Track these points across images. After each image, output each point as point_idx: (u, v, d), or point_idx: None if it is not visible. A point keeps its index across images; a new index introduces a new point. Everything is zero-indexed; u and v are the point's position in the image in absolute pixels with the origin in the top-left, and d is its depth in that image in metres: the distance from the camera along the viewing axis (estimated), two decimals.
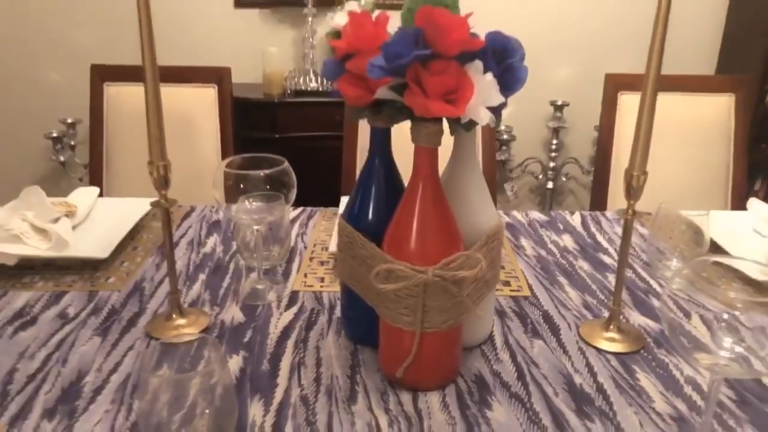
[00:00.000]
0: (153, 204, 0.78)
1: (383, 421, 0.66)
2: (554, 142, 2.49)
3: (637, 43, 1.98)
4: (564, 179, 2.60)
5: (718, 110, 1.58)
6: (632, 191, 0.75)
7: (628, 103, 1.58)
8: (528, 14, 2.44)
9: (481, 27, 0.62)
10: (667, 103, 1.60)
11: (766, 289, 0.55)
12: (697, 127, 1.58)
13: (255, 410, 0.68)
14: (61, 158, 2.26)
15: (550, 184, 2.54)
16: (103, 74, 1.57)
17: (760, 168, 2.44)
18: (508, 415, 0.68)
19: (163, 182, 0.76)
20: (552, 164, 2.53)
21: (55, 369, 0.74)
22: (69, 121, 2.28)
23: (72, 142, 2.29)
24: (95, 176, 1.57)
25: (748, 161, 2.36)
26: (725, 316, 0.55)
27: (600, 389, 0.73)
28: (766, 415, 0.68)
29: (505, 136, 2.46)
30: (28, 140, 2.46)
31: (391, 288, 0.65)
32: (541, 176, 2.58)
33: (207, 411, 0.55)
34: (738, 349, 0.56)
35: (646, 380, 0.74)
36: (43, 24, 2.35)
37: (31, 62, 2.40)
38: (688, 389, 0.73)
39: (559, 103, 2.43)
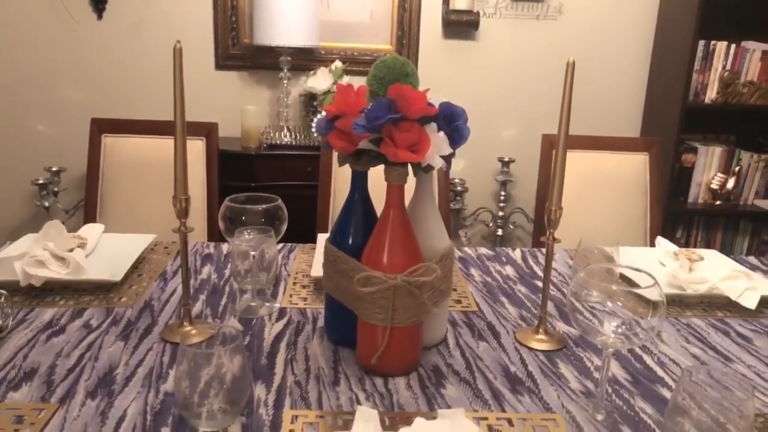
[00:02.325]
0: (174, 230, 0.96)
1: (362, 397, 0.85)
2: (502, 193, 2.76)
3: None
4: (512, 227, 2.87)
5: (635, 166, 1.87)
6: (550, 222, 0.98)
7: None
8: (479, 85, 2.76)
9: (435, 98, 0.85)
10: (595, 160, 1.90)
11: (638, 285, 0.78)
12: (619, 179, 1.86)
13: (259, 391, 0.85)
14: (45, 203, 2.39)
15: (499, 231, 2.80)
16: (101, 127, 1.75)
17: (680, 218, 2.76)
18: (458, 392, 0.87)
19: (183, 212, 0.95)
20: (501, 213, 2.79)
21: (90, 364, 0.90)
22: (54, 169, 2.43)
23: (55, 189, 2.43)
24: (89, 216, 1.73)
25: (670, 212, 2.68)
26: (609, 304, 0.77)
27: (530, 375, 0.93)
28: (652, 390, 0.90)
29: (459, 188, 2.72)
30: (15, 186, 2.60)
31: (368, 291, 0.85)
32: (491, 224, 2.84)
33: (224, 386, 0.71)
34: (620, 330, 0.77)
35: (565, 369, 0.95)
36: (32, 80, 2.53)
37: (21, 114, 2.56)
38: (595, 374, 0.94)
39: (506, 159, 2.72)
